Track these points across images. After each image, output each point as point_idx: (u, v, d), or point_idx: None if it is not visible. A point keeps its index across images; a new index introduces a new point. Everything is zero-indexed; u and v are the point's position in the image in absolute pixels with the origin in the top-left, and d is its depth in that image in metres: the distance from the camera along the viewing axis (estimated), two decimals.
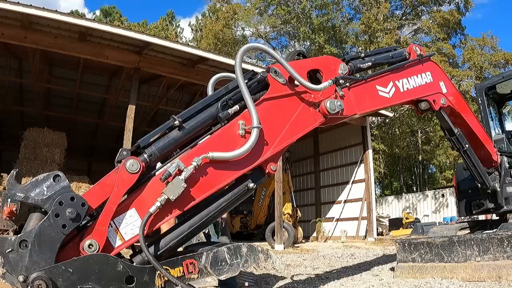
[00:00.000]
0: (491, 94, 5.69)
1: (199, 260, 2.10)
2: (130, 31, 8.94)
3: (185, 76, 10.17)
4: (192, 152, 2.20)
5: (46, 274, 1.78)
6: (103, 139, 16.42)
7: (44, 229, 1.84)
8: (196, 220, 2.24)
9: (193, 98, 12.78)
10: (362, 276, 4.94)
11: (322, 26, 26.32)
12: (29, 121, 13.28)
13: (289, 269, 5.61)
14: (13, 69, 11.26)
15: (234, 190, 2.32)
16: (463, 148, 4.10)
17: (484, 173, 4.58)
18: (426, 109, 3.49)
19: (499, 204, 4.77)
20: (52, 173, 1.98)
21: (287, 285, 4.38)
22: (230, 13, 28.35)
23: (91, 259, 1.88)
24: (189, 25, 38.49)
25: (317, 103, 2.56)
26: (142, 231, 1.98)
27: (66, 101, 13.44)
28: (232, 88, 2.43)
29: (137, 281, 1.94)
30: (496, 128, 5.75)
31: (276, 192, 10.12)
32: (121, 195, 2.03)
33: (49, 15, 7.57)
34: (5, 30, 7.93)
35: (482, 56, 25.36)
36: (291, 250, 9.16)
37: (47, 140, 11.38)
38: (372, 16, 24.98)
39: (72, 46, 8.63)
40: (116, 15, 37.38)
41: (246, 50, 2.51)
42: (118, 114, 12.51)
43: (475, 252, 4.21)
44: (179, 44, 10.10)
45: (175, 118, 2.22)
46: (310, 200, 15.66)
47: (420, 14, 27.53)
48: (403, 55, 3.36)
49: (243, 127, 2.28)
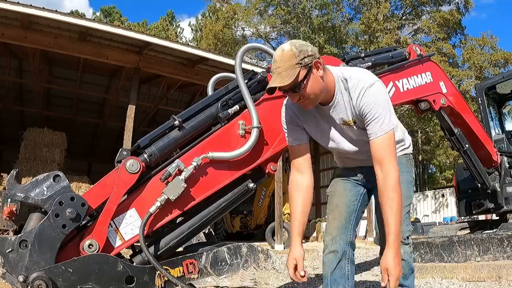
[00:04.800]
0: (491, 94, 5.70)
1: (199, 260, 2.10)
2: (130, 31, 8.94)
3: (185, 76, 10.17)
4: (192, 152, 2.20)
5: (46, 274, 1.78)
6: (103, 139, 16.40)
7: (44, 229, 1.84)
8: (196, 220, 2.24)
9: (193, 98, 12.77)
10: (362, 276, 4.94)
11: (322, 26, 26.33)
12: (29, 121, 13.27)
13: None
14: (13, 69, 11.25)
15: (234, 190, 2.32)
16: (463, 148, 4.11)
17: (484, 173, 4.58)
18: (426, 109, 3.49)
19: (499, 204, 4.78)
20: (52, 173, 1.98)
21: (287, 285, 4.38)
22: (230, 13, 28.34)
23: (91, 259, 1.89)
24: (189, 25, 38.62)
25: None
26: (142, 231, 1.98)
27: (66, 101, 13.43)
28: (232, 88, 2.43)
29: (137, 281, 1.94)
30: (496, 128, 5.76)
31: (276, 192, 10.12)
32: (121, 195, 2.03)
33: (49, 15, 7.57)
34: (5, 30, 7.92)
35: (481, 55, 25.36)
36: None
37: (47, 140, 11.38)
38: (372, 16, 24.97)
39: (72, 46, 8.63)
40: (116, 15, 37.38)
41: (246, 50, 2.51)
42: (118, 114, 12.50)
43: (475, 252, 4.21)
44: (179, 44, 10.10)
45: (175, 118, 2.22)
46: None
47: (420, 14, 27.53)
48: (403, 55, 3.36)
49: (243, 127, 2.28)
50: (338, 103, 1.92)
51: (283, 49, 1.80)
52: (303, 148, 2.05)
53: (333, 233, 2.12)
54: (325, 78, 1.86)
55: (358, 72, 1.96)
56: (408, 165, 2.23)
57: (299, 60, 1.76)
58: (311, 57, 1.78)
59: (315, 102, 1.88)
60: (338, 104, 1.92)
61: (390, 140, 1.82)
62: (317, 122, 2.02)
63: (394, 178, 1.78)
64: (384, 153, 1.81)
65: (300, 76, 1.76)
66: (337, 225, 2.14)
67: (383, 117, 1.82)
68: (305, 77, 1.78)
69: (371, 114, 1.83)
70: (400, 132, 2.21)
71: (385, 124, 1.82)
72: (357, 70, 2.02)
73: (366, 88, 1.84)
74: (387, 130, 1.82)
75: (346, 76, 1.91)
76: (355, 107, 1.88)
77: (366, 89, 1.84)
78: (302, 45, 1.80)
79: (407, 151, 2.26)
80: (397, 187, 1.79)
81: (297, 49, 1.77)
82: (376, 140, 1.82)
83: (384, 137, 1.81)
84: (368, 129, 1.85)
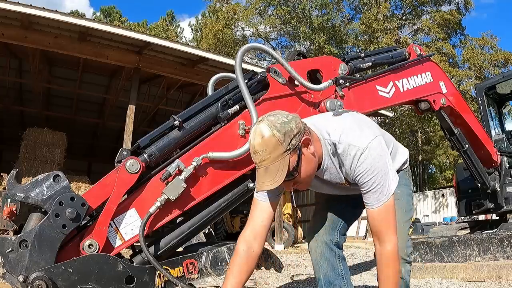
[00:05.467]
0: (491, 94, 5.70)
1: (199, 260, 2.10)
2: (130, 31, 8.94)
3: (185, 76, 10.17)
4: (192, 152, 2.20)
5: (46, 274, 1.78)
6: (103, 139, 16.41)
7: (44, 229, 1.84)
8: (196, 220, 2.24)
9: (193, 98, 12.77)
10: (362, 276, 4.95)
11: (322, 26, 26.33)
12: (29, 121, 13.28)
13: (289, 269, 5.61)
14: (13, 69, 11.26)
15: (234, 190, 2.32)
16: (463, 148, 4.10)
17: (484, 173, 4.58)
18: (426, 109, 3.48)
19: (499, 204, 4.77)
20: (52, 173, 1.98)
21: (287, 285, 4.38)
22: (230, 13, 28.35)
23: (91, 259, 1.88)
24: (189, 25, 38.63)
25: (317, 103, 2.55)
26: (142, 231, 1.98)
27: (66, 101, 13.44)
28: (232, 88, 2.43)
29: (137, 281, 1.94)
30: (496, 128, 5.76)
31: None
32: (121, 195, 2.03)
33: (49, 15, 7.57)
34: (5, 30, 7.93)
35: (481, 56, 25.37)
36: (291, 250, 9.16)
37: (47, 140, 11.38)
38: (372, 16, 24.98)
39: (72, 46, 8.63)
40: (116, 15, 37.39)
41: (246, 50, 2.51)
42: (118, 114, 12.51)
43: (475, 252, 4.22)
44: (179, 44, 10.10)
45: (175, 118, 2.22)
46: (310, 200, 15.66)
47: (420, 14, 27.54)
48: (403, 55, 3.36)
49: (243, 127, 2.28)
50: (328, 168, 1.74)
51: (263, 136, 1.48)
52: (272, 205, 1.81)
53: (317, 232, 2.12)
54: (316, 147, 1.64)
55: (347, 131, 1.69)
56: (406, 177, 2.11)
57: (287, 146, 1.48)
58: (298, 135, 1.51)
59: (310, 181, 1.71)
60: (328, 168, 1.74)
61: (388, 210, 1.64)
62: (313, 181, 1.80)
63: (392, 254, 1.62)
64: (382, 226, 1.63)
65: (292, 164, 1.51)
66: (321, 226, 2.13)
67: (380, 186, 1.63)
68: (298, 162, 1.54)
69: (367, 184, 1.64)
70: (399, 156, 2.08)
71: (383, 194, 1.63)
72: (345, 127, 1.71)
73: (358, 156, 1.63)
74: (385, 200, 1.63)
75: (334, 140, 1.67)
76: (349, 174, 1.70)
77: (359, 157, 1.62)
78: (284, 124, 1.50)
79: (404, 166, 2.14)
80: (395, 263, 1.63)
81: (280, 133, 1.47)
82: (373, 212, 1.65)
83: (382, 209, 1.63)
84: (365, 198, 1.68)
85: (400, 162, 2.08)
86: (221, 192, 2.29)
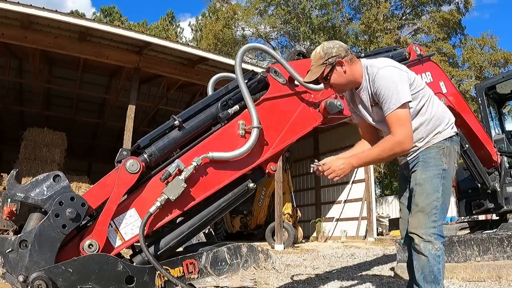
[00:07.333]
0: (491, 94, 5.69)
1: (199, 260, 2.10)
2: (130, 31, 8.94)
3: (185, 76, 10.18)
4: (192, 152, 2.20)
5: (46, 274, 1.78)
6: (103, 139, 16.42)
7: (44, 229, 1.84)
8: (196, 220, 2.24)
9: (193, 98, 12.78)
10: (362, 276, 4.94)
11: (322, 26, 26.33)
12: (29, 121, 13.28)
13: (289, 269, 5.61)
14: (13, 69, 11.25)
15: (234, 190, 2.32)
16: (463, 148, 4.10)
17: (484, 173, 4.58)
18: None
19: (499, 204, 4.77)
20: (52, 173, 1.98)
21: (287, 285, 4.37)
22: (230, 13, 28.34)
23: (91, 259, 1.88)
24: (189, 25, 38.47)
25: (317, 103, 2.56)
26: (142, 231, 1.98)
27: (66, 101, 13.44)
28: (232, 88, 2.43)
29: (137, 281, 1.93)
30: (496, 128, 5.75)
31: (276, 192, 10.11)
32: (121, 195, 2.03)
33: (49, 15, 7.58)
34: (5, 30, 7.93)
35: (481, 55, 25.36)
36: (291, 250, 9.16)
37: (47, 140, 11.39)
38: (372, 16, 24.99)
39: (72, 46, 8.63)
40: (116, 15, 37.34)
41: (246, 50, 2.51)
42: (118, 114, 12.51)
43: (475, 252, 4.21)
44: (179, 44, 10.11)
45: (175, 118, 2.22)
46: (310, 200, 15.66)
47: (420, 14, 27.53)
48: (403, 55, 3.36)
49: (243, 127, 2.28)
50: (364, 88, 2.33)
51: (316, 51, 2.30)
52: (362, 125, 2.54)
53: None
54: (352, 70, 2.29)
55: (377, 60, 2.36)
56: (439, 156, 2.34)
57: (324, 60, 2.25)
58: (334, 57, 2.24)
59: (342, 89, 2.38)
60: (364, 88, 2.33)
61: (396, 116, 2.15)
62: (358, 104, 2.43)
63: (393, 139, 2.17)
64: (391, 125, 2.17)
65: (325, 72, 2.27)
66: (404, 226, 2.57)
67: (389, 97, 2.16)
68: (329, 72, 2.26)
69: (380, 96, 2.21)
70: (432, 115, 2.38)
71: (392, 103, 2.16)
72: (379, 59, 2.43)
73: (375, 74, 2.23)
74: (394, 108, 2.15)
75: (368, 64, 2.30)
76: (372, 89, 2.28)
77: (375, 75, 2.22)
78: (329, 48, 2.27)
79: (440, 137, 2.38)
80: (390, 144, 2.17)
81: (323, 52, 2.26)
82: (388, 117, 2.20)
83: (392, 115, 2.17)
84: (383, 109, 2.22)
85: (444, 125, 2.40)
86: (221, 192, 2.29)
